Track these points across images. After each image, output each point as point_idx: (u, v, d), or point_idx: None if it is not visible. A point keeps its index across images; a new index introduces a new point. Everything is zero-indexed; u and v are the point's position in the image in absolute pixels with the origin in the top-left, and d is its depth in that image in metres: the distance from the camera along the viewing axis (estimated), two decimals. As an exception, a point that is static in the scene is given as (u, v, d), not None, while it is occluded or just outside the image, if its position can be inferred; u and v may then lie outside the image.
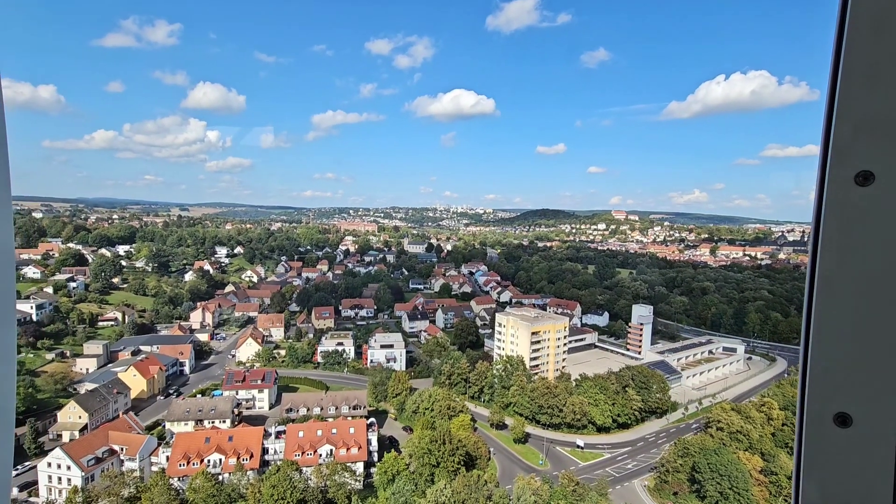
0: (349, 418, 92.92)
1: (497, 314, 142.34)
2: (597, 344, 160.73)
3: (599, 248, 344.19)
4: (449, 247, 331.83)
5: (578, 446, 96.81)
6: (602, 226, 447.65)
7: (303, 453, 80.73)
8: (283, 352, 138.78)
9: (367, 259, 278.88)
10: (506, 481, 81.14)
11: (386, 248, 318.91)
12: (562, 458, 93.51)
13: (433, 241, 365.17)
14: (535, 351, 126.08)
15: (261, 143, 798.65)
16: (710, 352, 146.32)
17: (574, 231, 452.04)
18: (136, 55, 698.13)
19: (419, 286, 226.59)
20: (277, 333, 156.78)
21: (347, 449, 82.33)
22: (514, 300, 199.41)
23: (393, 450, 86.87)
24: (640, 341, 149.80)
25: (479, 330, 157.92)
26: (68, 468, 74.40)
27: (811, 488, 1.96)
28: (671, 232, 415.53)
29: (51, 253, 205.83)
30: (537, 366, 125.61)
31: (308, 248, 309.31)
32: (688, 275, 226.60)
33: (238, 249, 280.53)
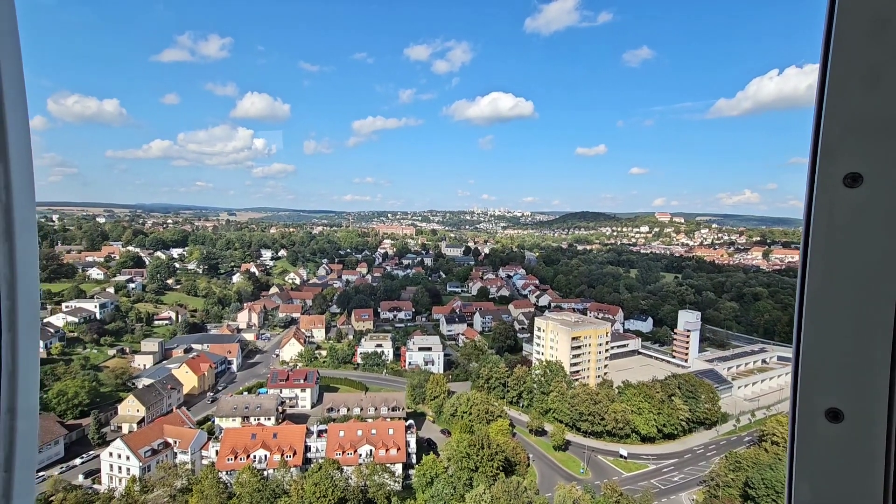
0: (388, 419, 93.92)
1: (536, 318, 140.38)
2: (640, 350, 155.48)
3: (642, 251, 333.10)
4: (486, 250, 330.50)
5: (621, 456, 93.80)
6: (645, 228, 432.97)
7: (343, 452, 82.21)
8: (324, 352, 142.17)
9: (405, 262, 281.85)
10: (546, 489, 79.66)
11: (424, 252, 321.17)
12: (604, 468, 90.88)
13: (471, 244, 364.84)
14: (575, 356, 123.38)
15: (304, 150, 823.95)
16: (764, 361, 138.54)
17: (615, 234, 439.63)
18: (191, 69, 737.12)
19: (457, 289, 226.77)
20: (319, 334, 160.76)
21: (387, 450, 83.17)
22: (552, 304, 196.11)
23: (431, 452, 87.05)
24: (687, 348, 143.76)
25: (518, 334, 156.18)
26: (127, 458, 78.94)
27: (803, 483, 1.99)
28: (719, 234, 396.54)
29: (112, 255, 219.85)
30: (578, 372, 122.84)
31: (348, 251, 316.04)
32: (738, 279, 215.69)
33: (282, 252, 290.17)
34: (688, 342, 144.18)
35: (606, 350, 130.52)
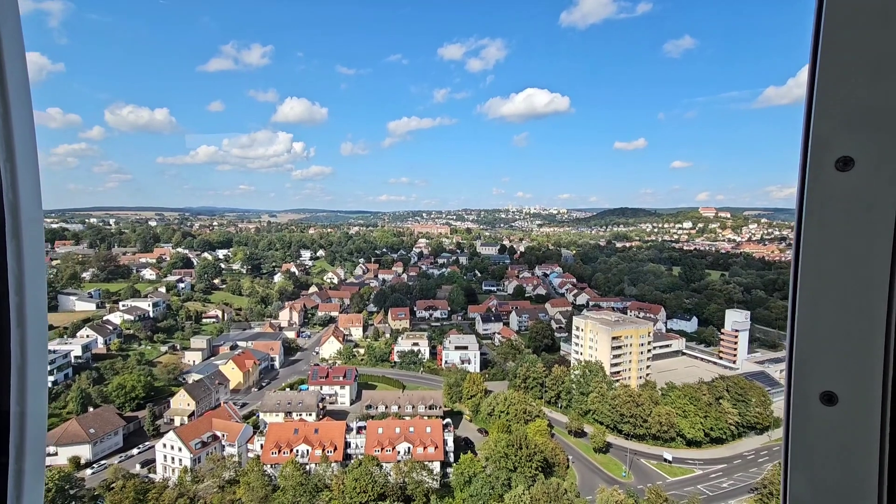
0: (425, 417, 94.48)
1: (574, 317, 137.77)
2: (684, 351, 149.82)
3: (685, 247, 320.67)
4: (522, 248, 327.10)
5: (666, 460, 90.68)
6: (688, 224, 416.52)
7: (382, 449, 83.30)
8: (361, 350, 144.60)
9: (441, 261, 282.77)
10: (586, 492, 77.99)
11: (459, 250, 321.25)
12: (647, 472, 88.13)
13: (506, 242, 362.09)
14: (615, 357, 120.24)
15: (340, 152, 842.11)
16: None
17: (656, 230, 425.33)
18: (234, 77, 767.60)
19: (492, 288, 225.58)
20: (357, 332, 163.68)
21: (424, 448, 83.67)
22: (591, 303, 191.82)
23: (469, 451, 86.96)
24: (735, 349, 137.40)
25: (555, 333, 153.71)
26: (179, 450, 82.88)
27: (798, 466, 2.00)
28: (770, 229, 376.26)
29: (163, 257, 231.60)
30: (618, 372, 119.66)
31: (384, 250, 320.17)
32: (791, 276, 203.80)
33: (320, 252, 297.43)
34: (736, 343, 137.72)
35: (649, 350, 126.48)
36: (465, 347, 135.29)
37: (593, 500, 71.84)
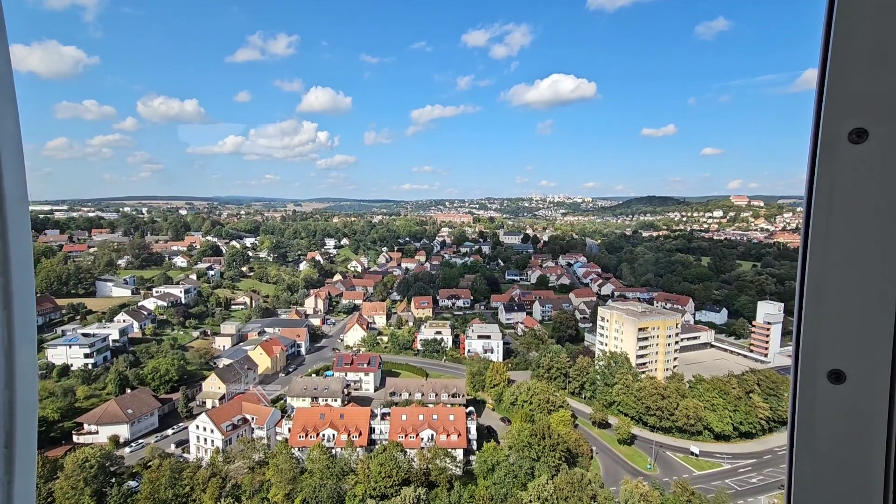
0: (448, 405, 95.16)
1: (599, 308, 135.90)
2: (713, 343, 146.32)
3: (715, 237, 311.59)
4: (546, 237, 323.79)
5: (693, 453, 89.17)
6: (718, 213, 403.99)
7: (406, 436, 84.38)
8: (385, 338, 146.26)
9: (463, 250, 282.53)
10: (610, 483, 77.50)
11: (481, 239, 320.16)
12: (673, 465, 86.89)
13: (529, 231, 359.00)
14: (641, 348, 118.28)
15: (364, 141, 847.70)
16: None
17: (684, 219, 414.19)
18: (261, 67, 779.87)
19: (515, 277, 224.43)
20: (380, 321, 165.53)
21: (448, 435, 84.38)
22: (616, 293, 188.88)
23: (492, 440, 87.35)
24: (767, 342, 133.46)
25: (579, 324, 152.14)
26: (211, 431, 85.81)
27: (804, 444, 1.98)
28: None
29: (194, 245, 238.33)
30: (644, 364, 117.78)
31: (407, 239, 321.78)
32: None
33: (344, 241, 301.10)
34: (768, 336, 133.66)
35: (676, 342, 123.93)
36: (488, 336, 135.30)
37: (617, 492, 71.32)
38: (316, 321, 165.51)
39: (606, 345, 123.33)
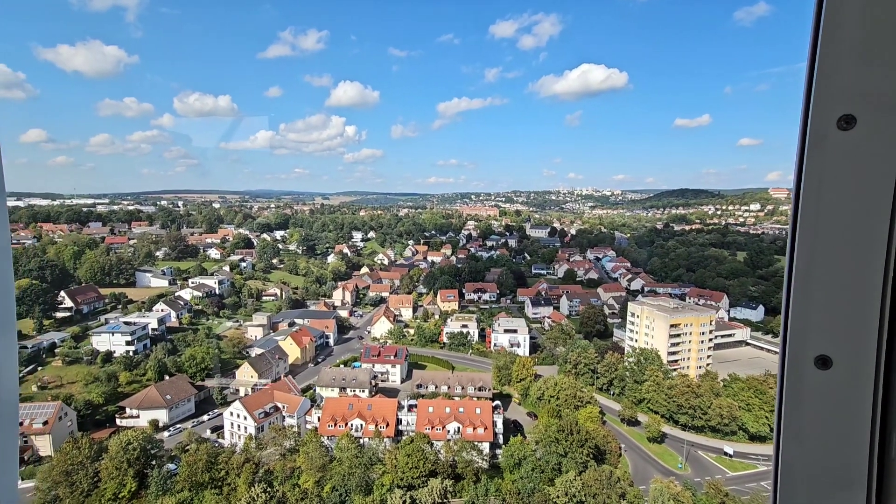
0: (475, 399, 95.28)
1: (629, 303, 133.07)
2: (749, 341, 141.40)
3: (752, 231, 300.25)
4: (573, 231, 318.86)
5: (726, 454, 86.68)
6: (755, 206, 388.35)
7: (432, 428, 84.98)
8: (411, 331, 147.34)
9: (489, 243, 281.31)
10: (639, 481, 76.23)
11: (508, 233, 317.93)
12: (705, 465, 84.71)
13: (556, 224, 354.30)
14: (673, 345, 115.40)
15: (391, 135, 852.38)
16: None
17: (719, 213, 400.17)
18: (291, 62, 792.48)
19: (542, 271, 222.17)
20: (406, 313, 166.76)
21: (474, 428, 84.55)
22: (646, 289, 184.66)
23: (519, 434, 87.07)
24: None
25: (608, 319, 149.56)
26: (245, 418, 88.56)
27: (791, 429, 2.02)
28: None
29: (227, 237, 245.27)
30: (676, 361, 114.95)
31: (433, 232, 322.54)
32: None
33: (371, 234, 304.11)
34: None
35: (710, 340, 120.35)
36: (515, 331, 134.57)
37: (647, 490, 70.07)
38: (343, 313, 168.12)
39: (636, 341, 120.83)
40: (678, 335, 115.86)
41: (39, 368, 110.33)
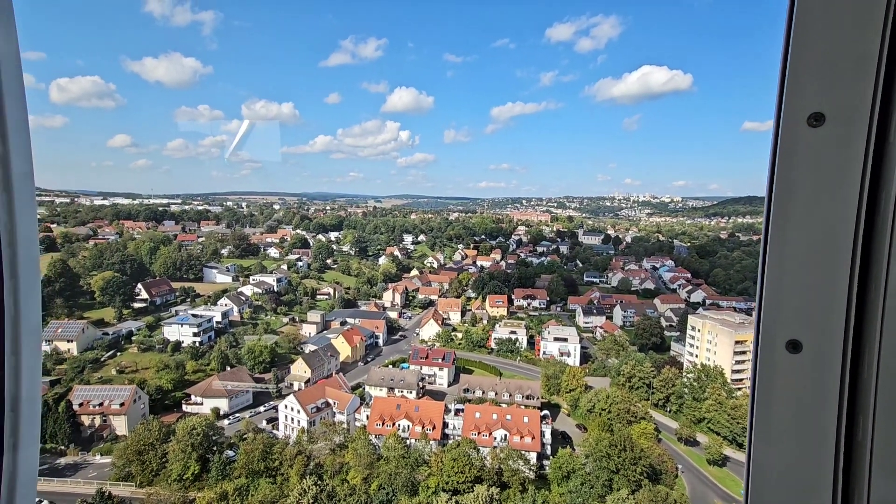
0: (522, 407, 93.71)
1: (689, 316, 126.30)
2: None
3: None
4: (629, 238, 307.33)
5: (797, 484, 79.81)
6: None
7: (479, 433, 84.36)
8: (459, 335, 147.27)
9: (540, 249, 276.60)
10: (698, 506, 71.79)
11: (559, 239, 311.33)
12: (773, 494, 78.35)
13: (611, 231, 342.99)
14: (738, 363, 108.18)
15: (444, 139, 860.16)
16: None
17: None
18: (351, 70, 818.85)
19: (594, 279, 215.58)
20: (455, 317, 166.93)
21: (521, 437, 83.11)
22: (708, 301, 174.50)
23: (567, 446, 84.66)
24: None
25: (664, 332, 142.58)
26: (298, 412, 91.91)
27: (763, 409, 2.08)
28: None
29: (285, 238, 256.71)
30: (741, 380, 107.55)
31: (482, 236, 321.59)
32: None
33: (421, 237, 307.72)
34: None
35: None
36: (565, 339, 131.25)
37: (707, 516, 65.93)
38: (393, 314, 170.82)
39: (697, 356, 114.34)
40: (744, 352, 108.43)
41: (118, 354, 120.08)
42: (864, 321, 1.91)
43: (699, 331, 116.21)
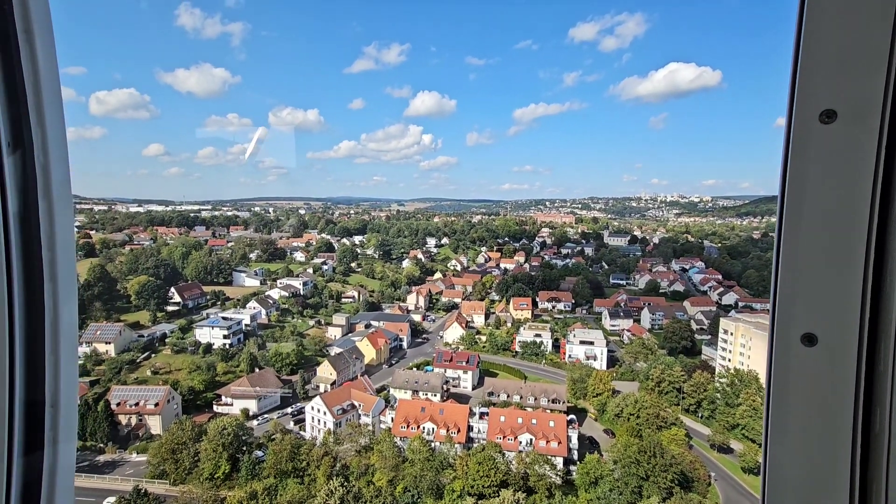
0: (548, 411, 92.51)
1: (721, 319, 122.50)
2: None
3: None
4: (656, 239, 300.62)
5: (839, 495, 76.21)
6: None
7: (504, 437, 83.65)
8: (483, 338, 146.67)
9: (564, 251, 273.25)
10: (733, 515, 69.33)
11: (584, 241, 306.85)
12: None
13: (637, 233, 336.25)
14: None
15: (466, 142, 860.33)
16: None
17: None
18: (374, 76, 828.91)
19: (621, 281, 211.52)
20: (478, 320, 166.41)
21: (547, 441, 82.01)
22: (740, 304, 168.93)
23: (595, 452, 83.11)
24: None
25: (695, 335, 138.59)
26: (324, 413, 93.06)
27: (779, 403, 2.10)
28: None
29: (311, 242, 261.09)
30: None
31: (506, 239, 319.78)
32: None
33: (444, 240, 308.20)
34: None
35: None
36: (591, 343, 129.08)
37: (742, 527, 63.58)
38: (417, 317, 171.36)
39: (730, 360, 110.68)
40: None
41: (153, 356, 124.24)
42: (878, 314, 1.92)
43: (732, 334, 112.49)
